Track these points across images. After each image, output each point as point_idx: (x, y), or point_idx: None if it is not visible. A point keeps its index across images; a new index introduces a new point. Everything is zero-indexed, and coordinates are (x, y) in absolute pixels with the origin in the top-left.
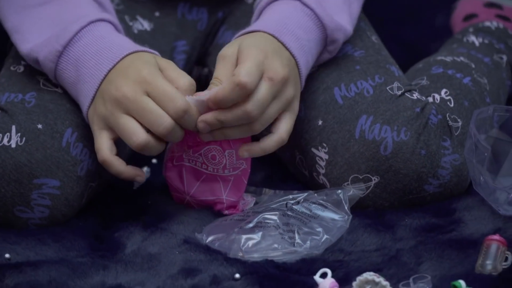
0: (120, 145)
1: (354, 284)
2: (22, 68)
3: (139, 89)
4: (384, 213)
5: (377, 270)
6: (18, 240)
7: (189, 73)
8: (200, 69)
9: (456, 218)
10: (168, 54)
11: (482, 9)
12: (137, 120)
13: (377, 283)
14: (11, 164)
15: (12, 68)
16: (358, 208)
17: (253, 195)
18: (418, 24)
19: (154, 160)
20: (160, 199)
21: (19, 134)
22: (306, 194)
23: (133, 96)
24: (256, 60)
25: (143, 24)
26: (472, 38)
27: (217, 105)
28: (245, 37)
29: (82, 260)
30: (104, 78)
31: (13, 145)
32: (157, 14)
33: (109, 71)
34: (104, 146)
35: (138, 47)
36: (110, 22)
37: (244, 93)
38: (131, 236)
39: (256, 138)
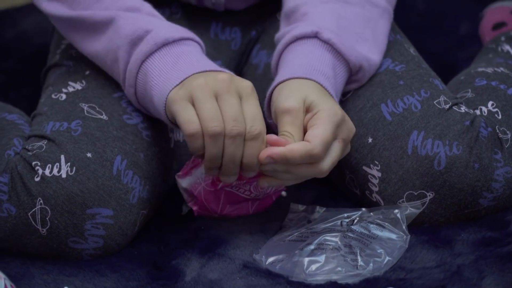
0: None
1: None
2: (64, 96)
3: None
4: (440, 229)
5: (441, 287)
6: (74, 272)
7: None
8: None
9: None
10: None
11: (511, 17)
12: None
13: None
14: (63, 195)
15: (53, 96)
16: (413, 225)
17: (305, 213)
18: (442, 33)
19: None
20: (211, 223)
21: (69, 163)
22: (360, 212)
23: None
24: (332, 125)
25: None
26: (507, 47)
27: (284, 162)
28: (303, 88)
29: None
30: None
31: (64, 175)
32: None
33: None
34: (195, 118)
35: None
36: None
37: (314, 160)
38: (189, 263)
39: None
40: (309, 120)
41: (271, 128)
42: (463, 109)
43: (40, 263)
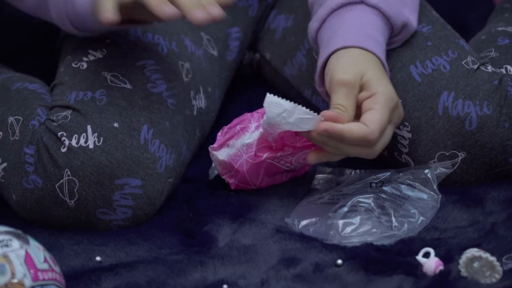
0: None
1: (461, 261)
2: (85, 65)
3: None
4: (470, 188)
5: (477, 246)
6: (105, 241)
7: (242, 59)
8: (251, 54)
9: None
10: (223, 41)
11: None
12: None
13: (483, 259)
14: (91, 165)
15: (74, 65)
16: (443, 185)
17: (333, 176)
18: None
19: None
20: (241, 189)
21: (96, 134)
22: (389, 173)
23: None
24: (389, 110)
25: None
26: None
27: (338, 139)
28: (360, 62)
29: (177, 257)
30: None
31: (91, 146)
32: None
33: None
34: None
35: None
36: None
37: (369, 144)
38: (220, 229)
39: None
40: (365, 99)
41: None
42: (490, 68)
43: (69, 233)
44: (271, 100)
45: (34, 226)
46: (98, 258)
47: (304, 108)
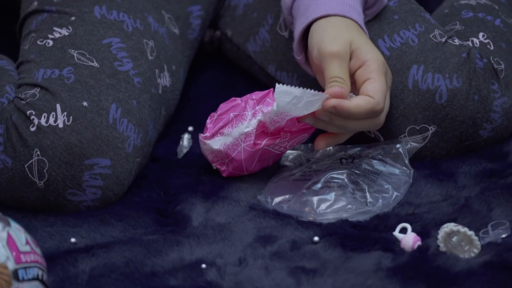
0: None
1: (439, 236)
2: (51, 42)
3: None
4: (441, 162)
5: (452, 220)
6: (79, 222)
7: (203, 37)
8: (212, 31)
9: (511, 161)
10: (184, 19)
11: None
12: None
13: (461, 233)
14: (61, 145)
15: (39, 42)
16: (413, 159)
17: (302, 152)
18: None
19: (190, 128)
20: (210, 167)
21: (65, 113)
22: (359, 148)
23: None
24: (384, 76)
25: None
26: None
27: (345, 116)
28: (347, 31)
29: (153, 237)
30: None
31: (61, 125)
32: None
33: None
34: None
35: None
36: None
37: (375, 115)
38: (193, 208)
39: None
40: (357, 69)
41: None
42: (457, 41)
43: (42, 215)
44: (281, 90)
45: (5, 208)
46: (73, 240)
47: (311, 90)
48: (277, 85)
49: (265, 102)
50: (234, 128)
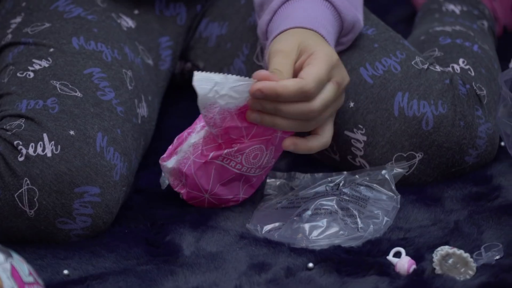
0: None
1: (435, 259)
2: (32, 74)
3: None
4: (425, 188)
5: (445, 243)
6: (69, 254)
7: (174, 68)
8: (182, 63)
9: (495, 184)
10: (155, 50)
11: None
12: None
13: (457, 255)
14: (50, 174)
15: (19, 75)
16: (399, 185)
17: (285, 181)
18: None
19: None
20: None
21: (53, 142)
22: (343, 176)
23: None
24: (327, 65)
25: (128, 22)
26: (451, 6)
27: (274, 98)
28: (300, 34)
29: (146, 267)
30: None
31: (49, 154)
32: (136, 12)
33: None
34: None
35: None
36: None
37: (306, 98)
38: (183, 238)
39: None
40: (304, 61)
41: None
42: (438, 68)
43: (31, 248)
44: (200, 77)
45: None
46: (65, 272)
47: (235, 76)
48: (195, 72)
49: None
50: (185, 142)
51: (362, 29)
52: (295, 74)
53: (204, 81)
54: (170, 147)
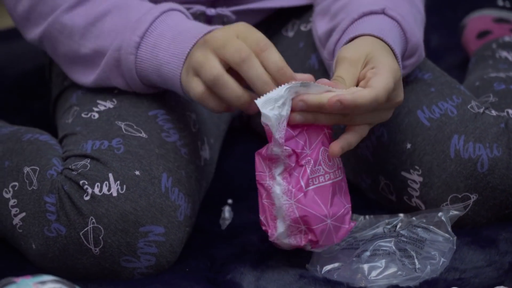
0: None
1: None
2: (96, 115)
3: (232, 32)
4: (480, 230)
5: (500, 283)
6: None
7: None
8: None
9: None
10: None
11: (494, 25)
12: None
13: None
14: (116, 213)
15: (84, 115)
16: (454, 227)
17: None
18: None
19: (230, 201)
20: (255, 237)
21: (118, 182)
22: (400, 218)
23: (223, 35)
24: (392, 75)
25: None
26: (504, 53)
27: (350, 108)
28: (369, 43)
29: None
30: (188, 54)
31: (115, 194)
32: None
33: (191, 48)
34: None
35: (216, 26)
36: (180, 11)
37: (377, 108)
38: (243, 277)
39: None
40: (368, 71)
41: None
42: (494, 112)
43: (93, 285)
44: (262, 101)
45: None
46: None
47: (286, 84)
48: (256, 100)
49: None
50: (275, 200)
51: (423, 56)
52: (356, 85)
53: (267, 103)
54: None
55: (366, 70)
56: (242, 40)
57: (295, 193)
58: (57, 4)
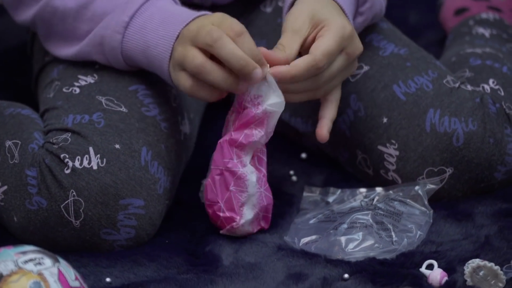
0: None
1: (466, 271)
2: (77, 90)
3: (207, 21)
4: (457, 203)
5: (475, 256)
6: (111, 263)
7: None
8: None
9: None
10: None
11: (472, 2)
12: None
13: (487, 268)
14: (96, 186)
15: (65, 90)
16: (431, 201)
17: (321, 196)
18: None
19: None
20: None
21: (98, 155)
22: (377, 191)
23: (197, 26)
24: (339, 37)
25: None
26: (481, 30)
27: (288, 80)
28: (314, 3)
29: (187, 276)
30: (176, 39)
31: (95, 167)
32: None
33: (181, 31)
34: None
35: (204, 12)
36: None
37: (317, 72)
38: (222, 249)
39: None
40: (318, 32)
41: None
42: (469, 87)
43: (74, 256)
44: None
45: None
46: (108, 280)
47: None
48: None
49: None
50: (249, 187)
51: (383, 11)
52: (309, 47)
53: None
54: (221, 214)
55: (317, 31)
56: (217, 26)
57: (264, 182)
58: None
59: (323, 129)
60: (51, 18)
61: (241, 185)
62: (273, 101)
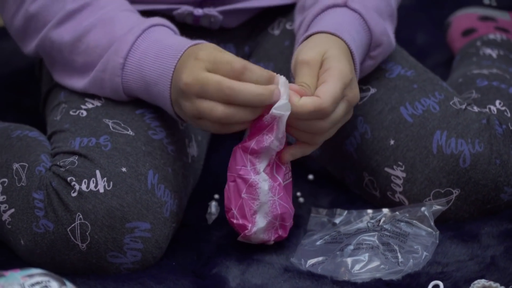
0: (181, 185)
1: None
2: (84, 113)
3: (199, 68)
4: (463, 224)
5: (481, 277)
6: (118, 286)
7: None
8: None
9: None
10: None
11: (479, 23)
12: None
13: None
14: (102, 209)
15: (72, 113)
16: (437, 222)
17: (328, 217)
18: (401, 45)
19: (216, 196)
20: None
21: (105, 178)
22: (383, 212)
23: (194, 79)
24: (342, 82)
25: None
26: (488, 50)
27: (293, 115)
28: (325, 42)
29: None
30: (173, 74)
31: (102, 190)
32: None
33: (175, 67)
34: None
35: (197, 41)
36: (163, 25)
37: (322, 116)
38: (229, 270)
39: None
40: (322, 74)
41: None
42: (475, 108)
43: (82, 279)
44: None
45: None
46: None
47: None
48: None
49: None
50: (261, 195)
51: (393, 46)
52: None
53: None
54: (236, 220)
55: (321, 72)
56: (213, 71)
57: (278, 190)
58: (47, 20)
59: (287, 154)
60: (50, 51)
61: (253, 192)
62: (278, 104)
